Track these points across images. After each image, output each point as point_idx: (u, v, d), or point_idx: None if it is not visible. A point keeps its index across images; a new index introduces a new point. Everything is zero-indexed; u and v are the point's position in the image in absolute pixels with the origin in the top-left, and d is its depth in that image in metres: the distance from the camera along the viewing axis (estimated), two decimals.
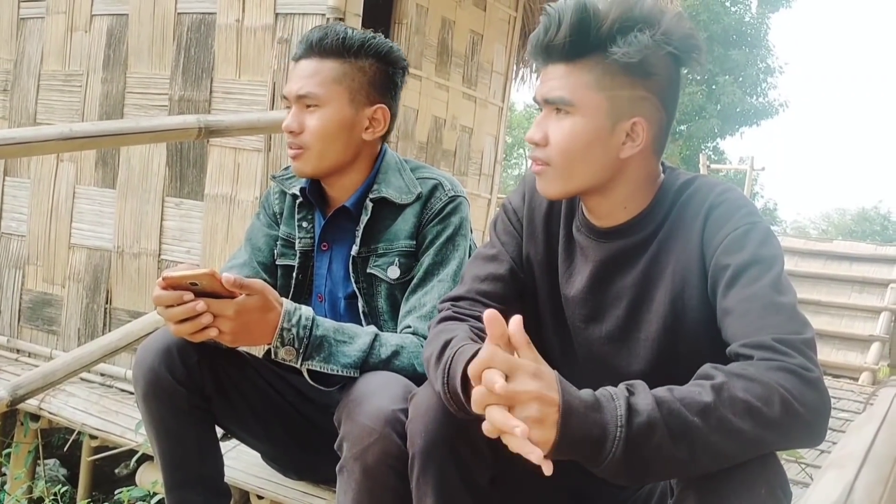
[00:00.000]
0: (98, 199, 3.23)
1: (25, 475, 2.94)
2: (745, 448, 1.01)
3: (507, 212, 1.44)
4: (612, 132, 1.21)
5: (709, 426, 0.98)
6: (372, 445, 1.29)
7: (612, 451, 0.98)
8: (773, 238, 1.19)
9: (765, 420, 0.99)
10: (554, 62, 1.22)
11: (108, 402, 2.82)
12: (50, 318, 3.36)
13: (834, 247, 7.10)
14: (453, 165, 4.31)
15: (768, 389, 1.00)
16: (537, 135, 1.24)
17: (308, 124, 1.60)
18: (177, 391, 1.51)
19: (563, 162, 1.22)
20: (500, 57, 4.64)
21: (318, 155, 1.61)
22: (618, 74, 1.18)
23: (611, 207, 1.28)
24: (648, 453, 0.98)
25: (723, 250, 1.17)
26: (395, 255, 1.63)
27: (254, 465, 1.96)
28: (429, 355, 1.27)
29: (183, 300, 1.31)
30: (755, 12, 21.53)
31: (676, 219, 1.25)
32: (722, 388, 1.00)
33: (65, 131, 2.13)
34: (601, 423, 0.98)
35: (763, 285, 1.12)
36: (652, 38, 1.17)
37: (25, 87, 3.44)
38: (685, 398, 1.00)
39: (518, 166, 27.68)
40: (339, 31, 1.59)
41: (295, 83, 1.60)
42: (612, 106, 1.20)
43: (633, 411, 0.98)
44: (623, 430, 0.97)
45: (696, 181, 1.28)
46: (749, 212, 1.21)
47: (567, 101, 1.20)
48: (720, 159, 21.66)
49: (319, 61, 1.59)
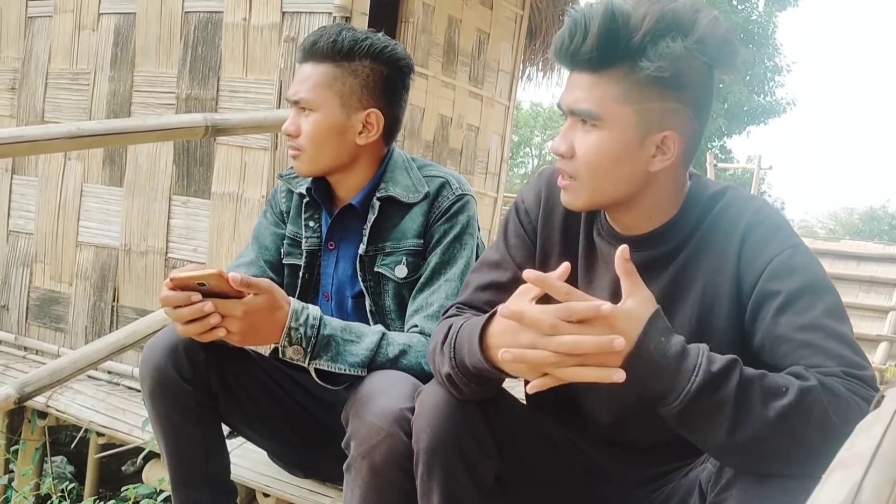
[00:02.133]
0: (105, 198, 3.24)
1: (33, 472, 2.95)
2: (799, 451, 1.00)
3: (519, 212, 1.38)
4: (642, 146, 1.15)
5: (779, 424, 0.99)
6: (379, 444, 1.29)
7: (679, 399, 1.01)
8: (817, 260, 1.16)
9: (834, 435, 0.96)
10: (579, 70, 1.15)
11: (115, 399, 2.83)
12: (57, 316, 3.37)
13: (841, 246, 7.09)
14: (459, 164, 4.31)
15: (848, 409, 1.00)
16: (563, 146, 1.18)
17: (303, 128, 1.60)
18: (183, 389, 1.51)
19: (590, 176, 1.17)
20: (506, 55, 4.63)
21: (312, 158, 1.61)
22: (648, 87, 1.11)
23: (636, 218, 1.23)
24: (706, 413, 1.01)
25: (770, 275, 1.13)
26: (402, 253, 1.63)
27: (260, 462, 1.97)
28: (433, 347, 1.27)
29: (191, 301, 1.31)
30: (762, 11, 21.46)
31: (707, 234, 1.21)
32: (807, 393, 1.00)
33: (72, 130, 2.13)
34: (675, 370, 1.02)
35: (821, 313, 1.09)
36: (685, 48, 1.08)
37: (33, 86, 3.45)
38: (768, 389, 1.01)
39: (524, 165, 27.67)
40: (330, 35, 1.58)
41: (291, 88, 1.62)
42: (641, 119, 1.13)
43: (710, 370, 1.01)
44: (695, 385, 1.00)
45: (727, 193, 1.23)
46: (788, 233, 1.17)
47: (594, 115, 1.14)
48: (727, 158, 21.59)
49: (313, 66, 1.60)
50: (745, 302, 1.16)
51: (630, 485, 1.33)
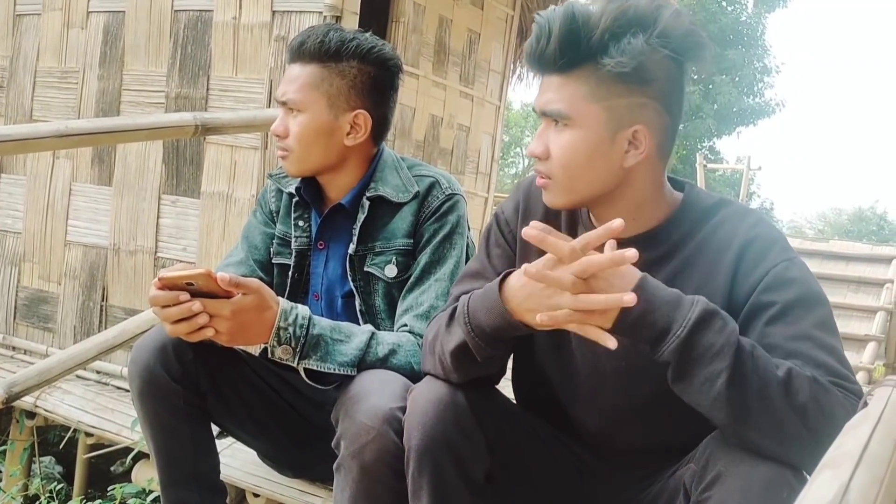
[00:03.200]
0: (94, 197, 3.22)
1: (21, 472, 2.94)
2: (783, 432, 1.03)
3: (499, 223, 1.40)
4: (613, 142, 1.17)
5: (766, 394, 1.03)
6: (369, 443, 1.29)
7: (668, 343, 1.06)
8: (812, 273, 1.19)
9: (813, 424, 1.01)
10: (548, 73, 1.19)
11: (103, 399, 2.82)
12: (46, 316, 3.35)
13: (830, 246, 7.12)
14: (450, 164, 4.31)
15: (832, 402, 1.03)
16: (538, 148, 1.21)
17: (291, 129, 1.60)
18: (172, 389, 1.50)
19: (565, 175, 1.20)
20: (497, 56, 4.64)
21: (300, 158, 1.61)
22: (613, 83, 1.14)
23: (619, 216, 1.23)
24: (700, 373, 1.05)
25: (765, 287, 1.15)
26: (392, 253, 1.62)
27: (250, 462, 1.96)
28: (433, 338, 1.28)
29: (179, 300, 1.31)
30: (751, 12, 21.55)
31: (701, 245, 1.22)
32: (796, 376, 1.04)
33: (61, 128, 2.12)
34: (669, 317, 1.06)
35: (811, 325, 1.12)
36: (647, 42, 1.11)
37: (21, 84, 3.43)
38: (760, 358, 1.05)
39: (515, 165, 27.69)
40: (318, 35, 1.58)
41: (280, 88, 1.62)
42: (610, 116, 1.16)
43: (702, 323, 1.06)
44: (686, 330, 1.05)
45: (721, 208, 1.24)
46: (784, 247, 1.19)
47: (564, 115, 1.17)
48: (717, 159, 21.67)
49: (301, 66, 1.59)
50: (736, 314, 1.16)
51: (620, 485, 1.33)
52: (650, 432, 1.27)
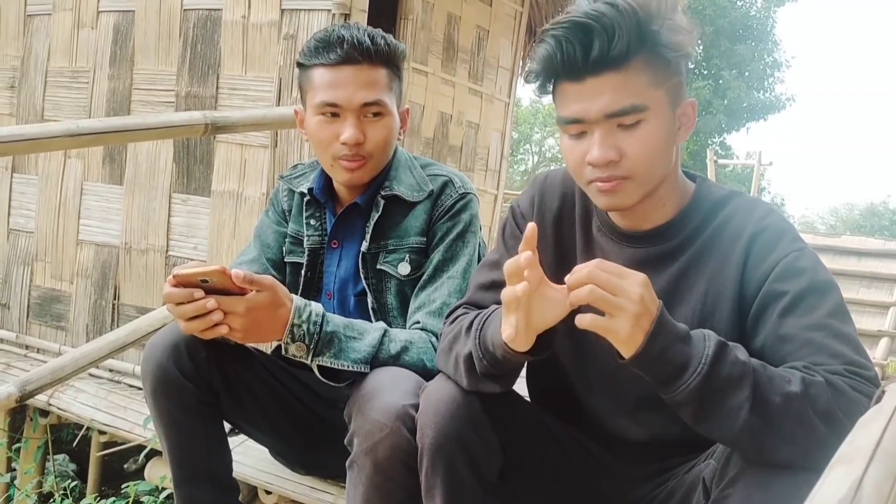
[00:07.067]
0: (105, 196, 3.24)
1: (35, 470, 2.96)
2: (809, 440, 1.01)
3: (515, 216, 1.41)
4: (674, 122, 1.19)
5: (790, 409, 1.01)
6: (382, 440, 1.30)
7: (687, 382, 1.03)
8: (822, 262, 1.18)
9: (839, 428, 0.99)
10: (596, 74, 1.13)
11: (116, 397, 2.83)
12: (58, 314, 3.37)
13: (842, 242, 7.10)
14: (459, 161, 4.31)
15: (851, 404, 1.02)
16: (611, 153, 1.14)
17: (371, 134, 1.57)
18: (185, 387, 1.51)
19: (647, 169, 1.16)
20: (506, 52, 4.63)
21: (377, 164, 1.62)
22: (664, 65, 1.15)
23: (653, 206, 1.23)
24: (719, 403, 1.02)
25: (776, 277, 1.15)
26: (405, 251, 1.63)
27: (262, 460, 1.97)
28: (452, 338, 1.28)
29: (193, 297, 1.31)
30: (761, 6, 21.44)
31: (712, 237, 1.22)
32: (811, 384, 1.02)
33: (72, 128, 2.13)
34: (687, 353, 1.03)
35: (825, 313, 1.11)
36: (687, 21, 1.15)
37: (32, 84, 3.45)
38: (774, 377, 1.03)
39: (524, 162, 27.65)
40: (380, 37, 1.57)
41: (357, 91, 1.54)
42: (671, 97, 1.17)
43: (720, 359, 1.03)
44: (705, 368, 1.02)
45: (731, 200, 1.25)
46: (794, 237, 1.19)
47: (640, 107, 1.13)
48: (727, 154, 21.59)
49: (373, 68, 1.56)
50: (747, 304, 1.17)
51: (633, 481, 1.33)
52: (665, 423, 1.26)
